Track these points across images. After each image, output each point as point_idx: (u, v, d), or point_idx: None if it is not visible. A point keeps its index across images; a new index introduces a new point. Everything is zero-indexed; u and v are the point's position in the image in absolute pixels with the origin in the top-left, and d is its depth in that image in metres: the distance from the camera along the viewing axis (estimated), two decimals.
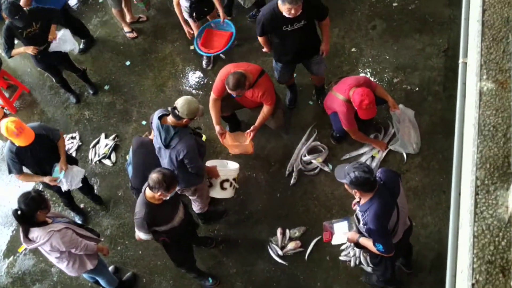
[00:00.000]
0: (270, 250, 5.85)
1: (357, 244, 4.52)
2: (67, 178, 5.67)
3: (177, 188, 5.42)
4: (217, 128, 5.92)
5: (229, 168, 5.90)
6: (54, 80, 7.39)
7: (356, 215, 4.30)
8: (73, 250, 4.81)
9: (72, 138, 7.22)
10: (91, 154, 7.01)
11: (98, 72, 7.82)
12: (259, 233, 6.01)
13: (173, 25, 7.91)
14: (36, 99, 7.83)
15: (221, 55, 7.38)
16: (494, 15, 3.37)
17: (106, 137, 7.12)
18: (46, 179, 5.63)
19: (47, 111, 7.64)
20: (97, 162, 6.94)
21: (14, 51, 6.64)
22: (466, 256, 2.69)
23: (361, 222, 4.16)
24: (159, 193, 4.35)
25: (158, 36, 7.97)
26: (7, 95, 7.87)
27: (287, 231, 5.90)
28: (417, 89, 6.52)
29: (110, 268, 5.90)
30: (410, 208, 4.83)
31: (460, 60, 3.83)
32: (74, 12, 8.57)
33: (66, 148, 7.02)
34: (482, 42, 3.27)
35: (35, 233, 4.61)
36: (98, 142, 7.09)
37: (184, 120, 4.80)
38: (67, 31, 6.86)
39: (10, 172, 5.54)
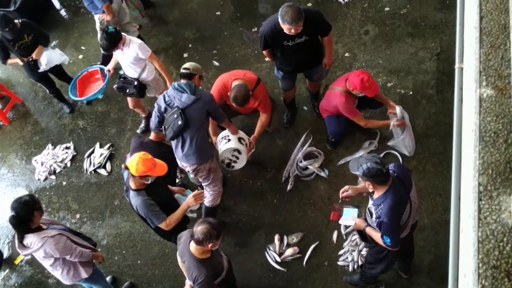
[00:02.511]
0: (268, 256, 5.84)
1: (361, 233, 4.55)
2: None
3: (193, 167, 5.36)
4: (214, 139, 5.92)
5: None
6: (47, 91, 7.39)
7: (368, 209, 4.32)
8: (67, 257, 4.78)
9: (67, 148, 7.19)
10: (86, 164, 6.97)
11: None
12: (257, 240, 6.01)
13: (166, 33, 7.93)
14: (29, 110, 7.79)
15: (215, 62, 7.41)
16: (492, 22, 3.41)
17: (101, 146, 7.10)
18: (191, 203, 4.90)
19: (41, 122, 7.61)
20: (92, 172, 6.91)
21: (10, 61, 6.66)
22: (471, 261, 2.72)
23: (374, 216, 4.18)
24: (210, 244, 4.06)
25: (151, 44, 7.91)
26: (0, 106, 7.84)
27: (285, 237, 5.90)
28: (411, 93, 6.57)
29: (108, 279, 5.86)
30: None
31: (456, 65, 3.89)
32: (64, 21, 8.56)
33: (61, 159, 7.06)
34: (481, 49, 3.31)
35: (29, 239, 4.60)
36: (93, 152, 7.07)
37: (197, 76, 5.15)
38: (49, 50, 6.79)
39: (159, 223, 4.75)
